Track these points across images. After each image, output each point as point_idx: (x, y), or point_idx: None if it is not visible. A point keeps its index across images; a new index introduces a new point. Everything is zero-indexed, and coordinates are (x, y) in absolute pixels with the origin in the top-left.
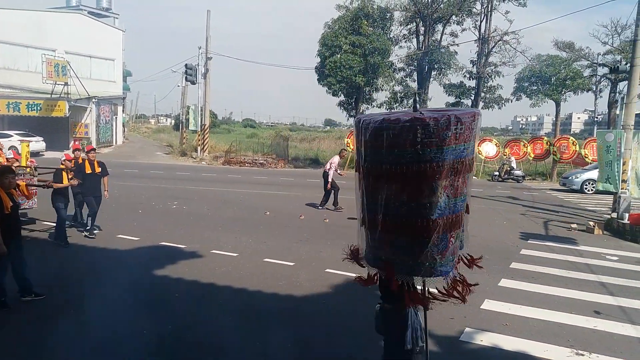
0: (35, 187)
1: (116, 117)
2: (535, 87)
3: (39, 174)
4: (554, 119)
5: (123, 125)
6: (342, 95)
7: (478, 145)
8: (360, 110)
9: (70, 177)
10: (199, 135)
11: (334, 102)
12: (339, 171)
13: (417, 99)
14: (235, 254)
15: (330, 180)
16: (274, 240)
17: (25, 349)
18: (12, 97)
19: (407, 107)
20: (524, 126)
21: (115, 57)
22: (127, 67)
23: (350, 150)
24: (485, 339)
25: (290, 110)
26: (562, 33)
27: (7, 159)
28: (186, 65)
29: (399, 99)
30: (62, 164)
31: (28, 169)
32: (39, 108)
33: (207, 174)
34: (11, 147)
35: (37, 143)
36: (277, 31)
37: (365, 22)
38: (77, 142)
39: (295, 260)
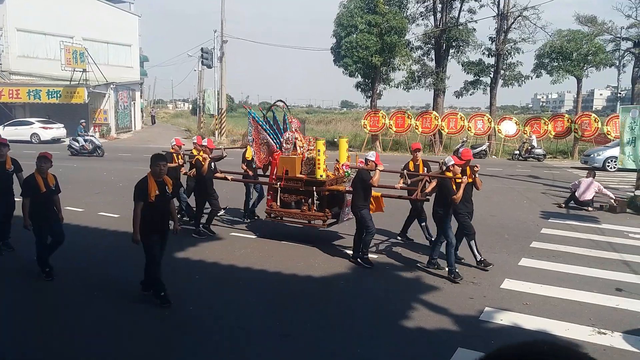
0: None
1: (134, 103)
2: (556, 64)
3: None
4: (576, 96)
5: (141, 111)
6: (359, 76)
7: (497, 124)
8: (377, 91)
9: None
10: (216, 119)
11: (350, 84)
12: None
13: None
14: (254, 236)
15: None
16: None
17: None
18: (33, 85)
19: (424, 87)
20: (544, 104)
21: (131, 42)
22: (144, 53)
23: (367, 131)
24: (505, 319)
25: (307, 93)
26: (584, 7)
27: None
28: (202, 49)
29: (417, 78)
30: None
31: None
32: (58, 95)
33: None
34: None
35: (58, 130)
36: (292, 13)
37: (382, 1)
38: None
39: (313, 242)
